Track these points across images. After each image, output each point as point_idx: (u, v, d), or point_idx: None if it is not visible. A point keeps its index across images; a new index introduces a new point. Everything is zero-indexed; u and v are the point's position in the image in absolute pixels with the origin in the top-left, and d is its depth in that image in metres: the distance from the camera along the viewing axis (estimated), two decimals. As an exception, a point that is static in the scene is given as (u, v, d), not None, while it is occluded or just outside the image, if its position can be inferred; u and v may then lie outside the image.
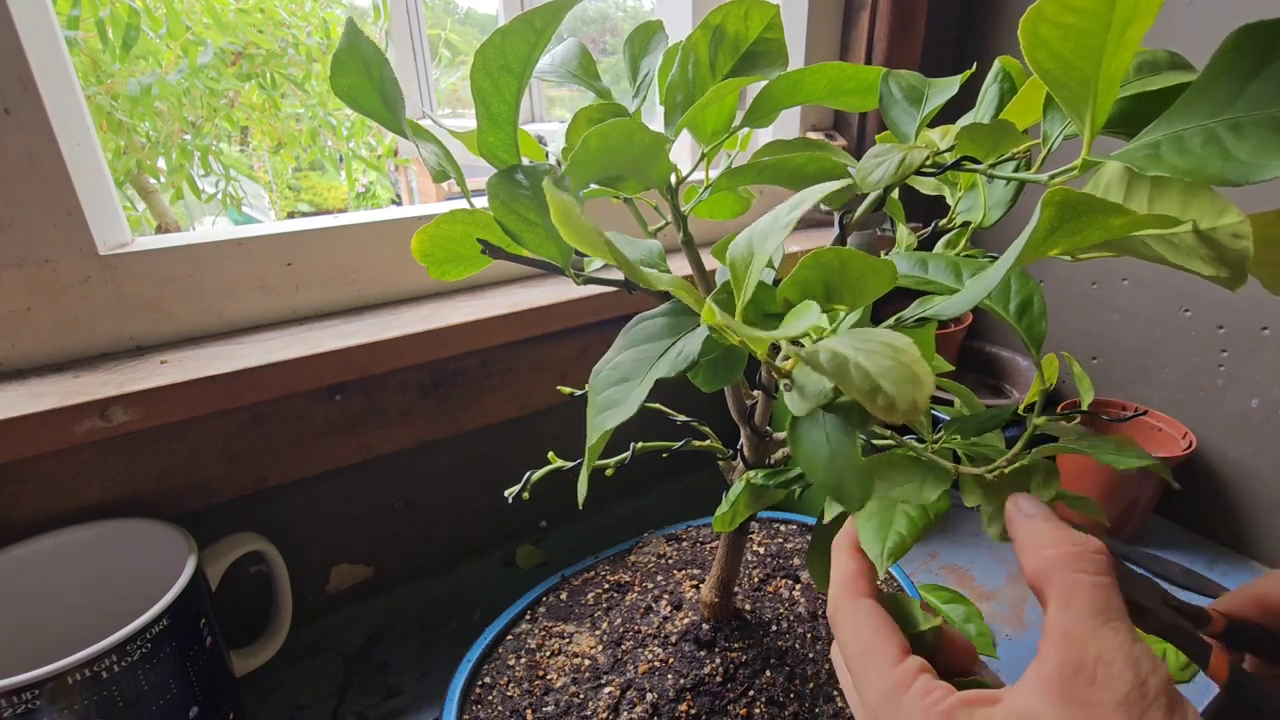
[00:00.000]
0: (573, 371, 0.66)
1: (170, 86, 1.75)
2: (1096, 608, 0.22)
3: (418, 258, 0.32)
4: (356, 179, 2.45)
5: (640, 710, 0.40)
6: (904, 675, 0.25)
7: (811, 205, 0.22)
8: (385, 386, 0.58)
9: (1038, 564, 0.24)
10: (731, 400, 0.38)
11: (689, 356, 0.24)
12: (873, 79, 0.33)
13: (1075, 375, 0.33)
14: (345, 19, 0.27)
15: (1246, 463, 0.68)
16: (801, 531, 0.57)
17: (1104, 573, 0.23)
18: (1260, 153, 0.18)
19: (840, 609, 0.28)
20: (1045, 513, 0.26)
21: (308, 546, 0.60)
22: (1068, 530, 0.25)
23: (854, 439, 0.24)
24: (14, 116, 0.44)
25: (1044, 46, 0.20)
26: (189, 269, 0.51)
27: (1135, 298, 0.73)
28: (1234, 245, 0.19)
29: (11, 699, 0.35)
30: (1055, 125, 0.27)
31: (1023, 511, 0.26)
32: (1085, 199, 0.19)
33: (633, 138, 0.26)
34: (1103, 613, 0.22)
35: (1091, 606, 0.22)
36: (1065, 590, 0.23)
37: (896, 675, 0.25)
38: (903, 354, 0.18)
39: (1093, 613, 0.22)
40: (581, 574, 0.53)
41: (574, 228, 0.21)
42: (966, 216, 0.35)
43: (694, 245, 0.35)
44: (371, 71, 0.27)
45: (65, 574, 0.47)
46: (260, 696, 0.54)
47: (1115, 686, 0.20)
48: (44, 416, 0.42)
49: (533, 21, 0.26)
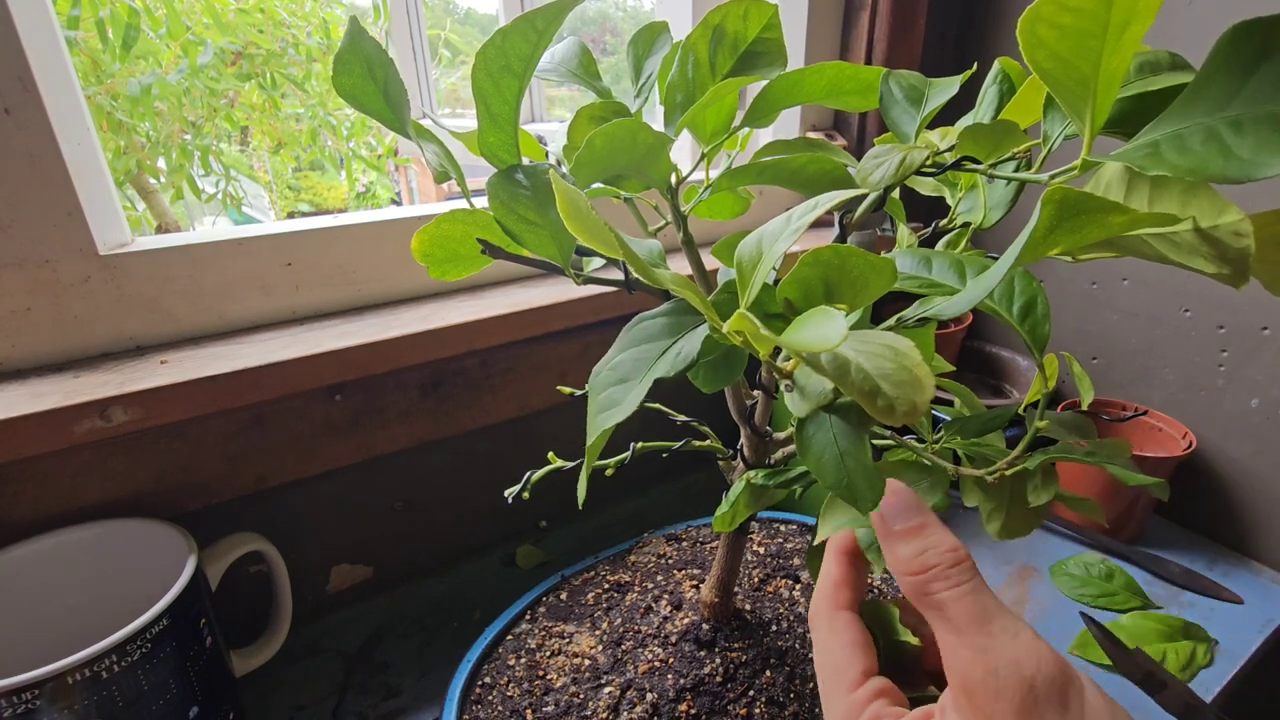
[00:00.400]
0: (573, 371, 0.66)
1: (170, 86, 1.75)
2: (969, 618, 0.23)
3: (418, 258, 0.32)
4: (356, 179, 2.45)
5: (640, 710, 0.40)
6: (857, 702, 0.25)
7: (825, 210, 0.22)
8: (385, 386, 0.58)
9: (905, 589, 0.25)
10: (731, 400, 0.38)
11: (688, 357, 0.24)
12: (873, 79, 0.33)
13: (1075, 375, 0.33)
14: (348, 18, 0.27)
15: (1246, 463, 0.68)
16: (801, 531, 0.57)
17: (965, 580, 0.23)
18: (1261, 150, 0.18)
19: (817, 620, 0.29)
20: (903, 523, 0.25)
21: (308, 546, 0.60)
22: (921, 543, 0.25)
23: (863, 440, 0.24)
24: (14, 116, 0.44)
25: (1042, 46, 0.20)
26: (189, 269, 0.51)
27: (1135, 298, 0.73)
28: (1236, 244, 0.19)
29: (11, 699, 0.35)
30: (1055, 125, 0.27)
31: (885, 524, 0.25)
32: (1084, 197, 0.19)
33: (636, 137, 0.26)
34: (976, 621, 0.22)
35: (965, 618, 0.23)
36: (937, 611, 0.23)
37: (851, 701, 0.25)
38: (904, 356, 0.18)
39: (968, 624, 0.22)
40: (581, 574, 0.53)
41: (582, 222, 0.21)
42: (967, 217, 0.35)
43: (694, 245, 0.35)
44: (375, 72, 0.27)
45: (65, 574, 0.47)
46: (260, 696, 0.54)
47: (1009, 697, 0.21)
48: (44, 416, 0.42)
49: (534, 21, 0.26)
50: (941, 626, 0.23)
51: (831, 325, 0.18)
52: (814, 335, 0.18)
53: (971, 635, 0.22)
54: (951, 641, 0.23)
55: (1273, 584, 0.65)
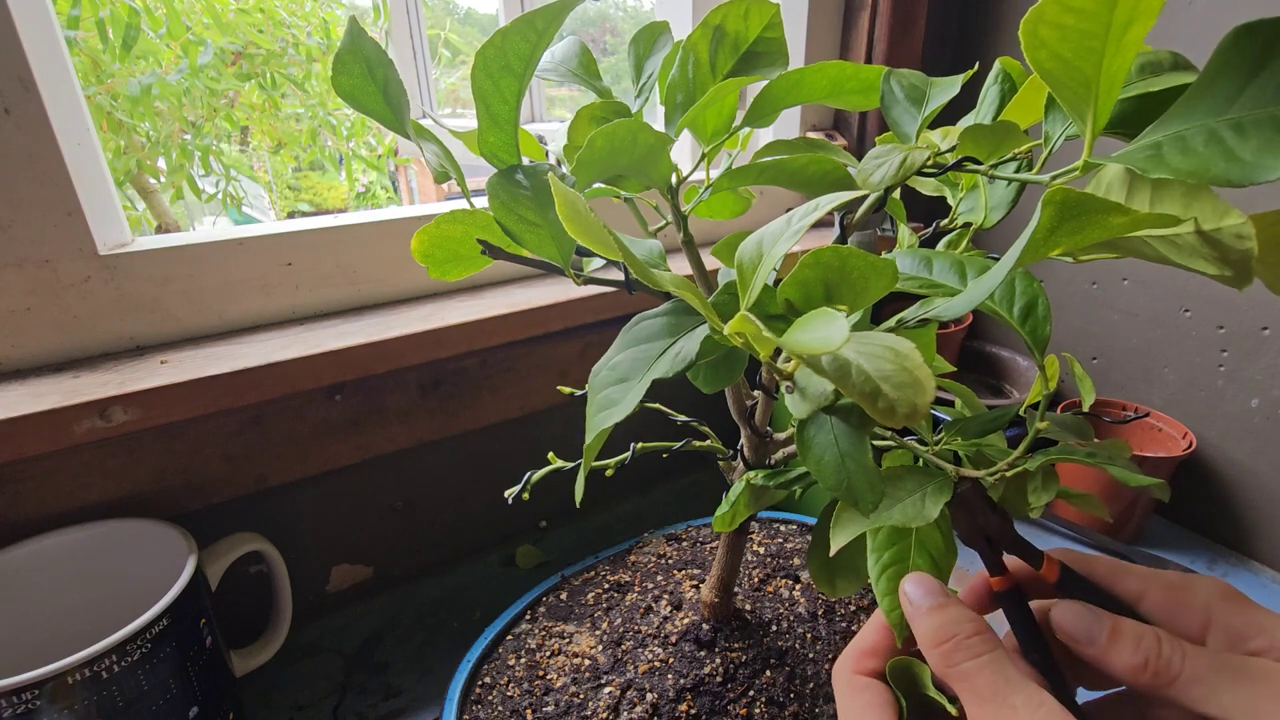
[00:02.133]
0: (573, 371, 0.66)
1: (170, 86, 1.75)
2: (992, 689, 0.23)
3: (418, 258, 0.32)
4: (356, 179, 2.45)
5: (640, 710, 0.40)
6: None
7: (826, 212, 0.22)
8: (385, 386, 0.58)
9: (933, 664, 0.25)
10: (732, 401, 0.38)
11: (687, 357, 0.24)
12: (873, 78, 0.33)
13: (1076, 376, 0.33)
14: (348, 18, 0.27)
15: (1246, 463, 0.68)
16: (801, 531, 0.57)
17: (986, 650, 0.24)
18: (1263, 153, 0.18)
19: (838, 678, 0.29)
20: (928, 601, 0.26)
21: (308, 546, 0.60)
22: (943, 616, 0.26)
23: (864, 442, 0.24)
24: (14, 116, 0.44)
25: (1044, 47, 0.20)
26: (189, 269, 0.51)
27: (1135, 298, 0.73)
28: (1238, 246, 0.19)
29: (11, 699, 0.35)
30: (1057, 126, 0.27)
31: (911, 603, 0.27)
32: (1086, 198, 0.19)
33: (637, 137, 0.26)
34: (999, 693, 0.23)
35: (988, 689, 0.23)
36: (964, 683, 0.24)
37: None
38: (905, 358, 0.18)
39: (992, 695, 0.23)
40: (581, 574, 0.53)
41: (581, 224, 0.21)
42: (968, 217, 0.35)
43: (694, 245, 0.35)
44: (375, 72, 0.27)
45: (65, 574, 0.47)
46: (260, 696, 0.54)
47: None
48: (44, 416, 0.42)
49: (534, 22, 0.26)
50: (969, 698, 0.24)
51: (833, 327, 0.18)
52: (816, 337, 0.17)
53: (996, 706, 0.23)
54: (975, 713, 0.23)
55: (1273, 584, 0.65)
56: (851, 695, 0.28)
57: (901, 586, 0.27)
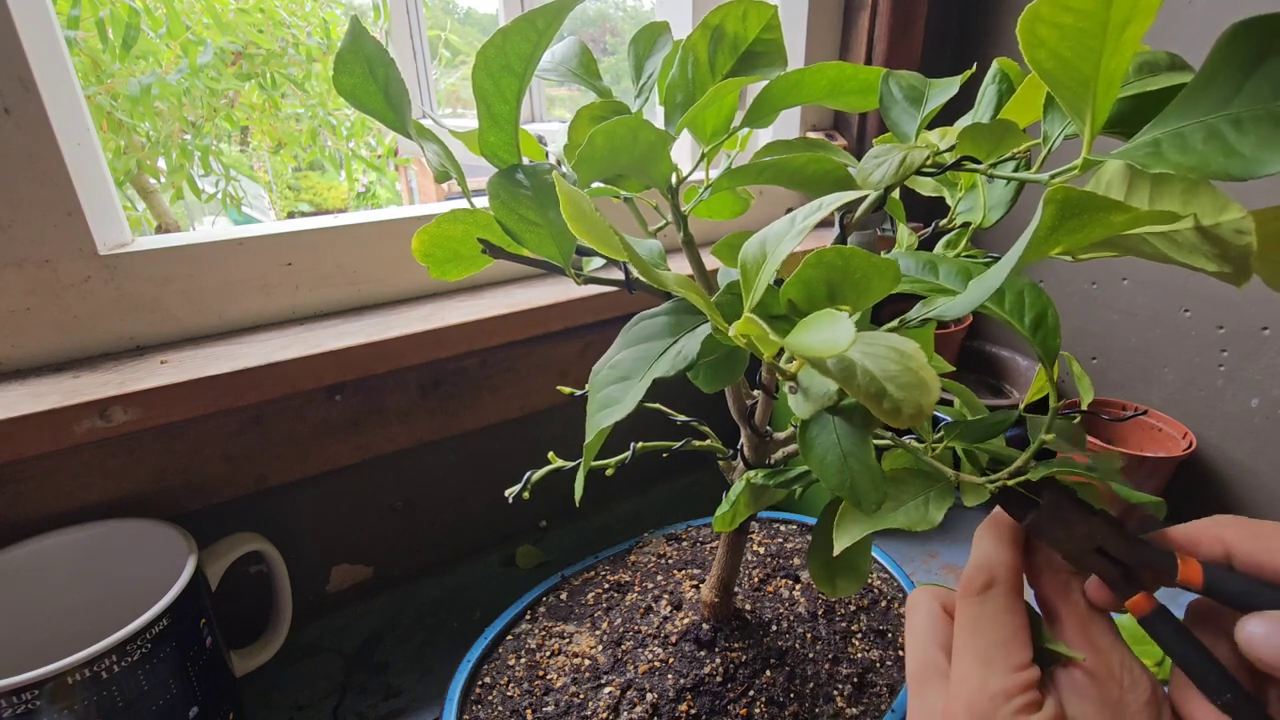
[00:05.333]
0: (573, 371, 0.66)
1: (170, 86, 1.75)
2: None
3: (418, 258, 0.32)
4: (356, 179, 2.45)
5: (640, 710, 0.40)
6: (1024, 682, 0.23)
7: (829, 212, 0.22)
8: (385, 386, 0.58)
9: None
10: (732, 400, 0.38)
11: (688, 356, 0.24)
12: (873, 79, 0.33)
13: (1075, 375, 0.33)
14: (350, 18, 0.27)
15: (1246, 463, 0.68)
16: (801, 531, 0.57)
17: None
18: (1263, 148, 0.18)
19: (994, 591, 0.25)
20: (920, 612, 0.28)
21: (308, 546, 0.60)
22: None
23: (867, 442, 0.24)
24: (14, 116, 0.44)
25: (1042, 46, 0.20)
26: (189, 269, 0.51)
27: (1135, 298, 0.73)
28: (1237, 241, 0.19)
29: (11, 699, 0.35)
30: (1055, 125, 0.27)
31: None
32: (1086, 196, 0.19)
33: (637, 135, 0.26)
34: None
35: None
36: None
37: (1019, 679, 0.23)
38: (909, 359, 0.18)
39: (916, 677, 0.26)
40: (581, 574, 0.53)
41: (585, 223, 0.21)
42: (967, 217, 0.35)
43: (694, 245, 0.35)
44: (376, 71, 0.27)
45: (65, 574, 0.47)
46: (260, 696, 0.54)
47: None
48: (44, 416, 0.42)
49: (534, 21, 0.26)
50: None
51: (839, 329, 0.17)
52: (822, 339, 0.17)
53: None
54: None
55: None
56: (1008, 615, 0.24)
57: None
